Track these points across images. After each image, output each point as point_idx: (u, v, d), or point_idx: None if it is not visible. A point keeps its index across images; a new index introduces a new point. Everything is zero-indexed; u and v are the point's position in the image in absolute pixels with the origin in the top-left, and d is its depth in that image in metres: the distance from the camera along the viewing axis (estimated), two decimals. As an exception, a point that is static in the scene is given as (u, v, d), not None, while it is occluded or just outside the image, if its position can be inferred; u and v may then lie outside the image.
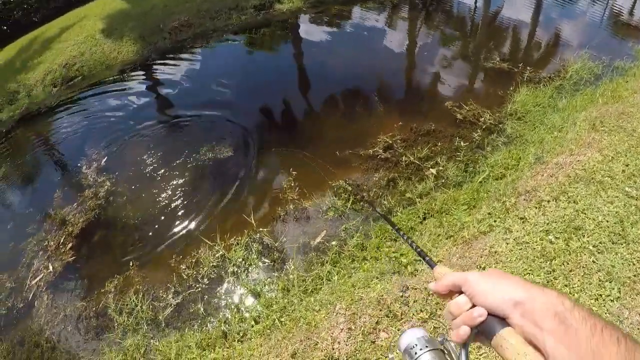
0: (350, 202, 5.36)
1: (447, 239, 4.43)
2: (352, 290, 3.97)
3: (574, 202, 4.12)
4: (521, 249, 3.83)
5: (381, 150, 6.07)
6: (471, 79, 7.60)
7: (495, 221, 4.28)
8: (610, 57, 8.24)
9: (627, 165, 4.50)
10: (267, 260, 4.82)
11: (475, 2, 12.21)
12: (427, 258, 1.07)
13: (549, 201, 4.23)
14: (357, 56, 8.71)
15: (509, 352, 0.69)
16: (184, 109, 7.87)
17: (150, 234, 5.56)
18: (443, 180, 5.44)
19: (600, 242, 3.68)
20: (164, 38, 10.91)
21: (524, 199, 4.40)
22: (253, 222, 5.38)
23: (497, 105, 6.57)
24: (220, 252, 5.00)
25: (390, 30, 10.00)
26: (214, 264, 4.91)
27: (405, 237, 1.25)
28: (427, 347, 0.91)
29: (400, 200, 5.31)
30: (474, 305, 0.77)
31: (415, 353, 0.91)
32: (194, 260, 4.99)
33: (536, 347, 0.68)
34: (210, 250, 5.06)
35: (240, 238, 5.14)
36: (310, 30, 10.20)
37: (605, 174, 4.42)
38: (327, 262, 4.50)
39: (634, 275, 3.34)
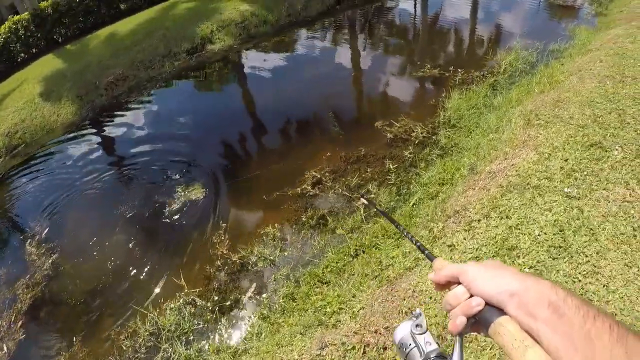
0: (279, 249, 4.72)
1: (373, 279, 3.74)
2: (275, 349, 3.40)
3: (507, 217, 3.43)
4: (449, 284, 3.12)
5: (310, 187, 5.40)
6: (402, 92, 7.02)
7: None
8: (545, 42, 7.77)
9: (565, 161, 3.86)
10: (199, 323, 4.32)
11: (415, 9, 11.88)
12: (426, 252, 1.02)
13: (479, 220, 3.54)
14: (289, 87, 8.16)
15: (506, 338, 0.69)
16: (114, 168, 7.19)
17: (92, 304, 4.90)
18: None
19: (538, 261, 2.99)
20: (100, 95, 10.43)
21: (453, 222, 3.72)
22: (184, 283, 4.73)
23: (430, 116, 5.97)
24: (155, 319, 4.35)
25: (325, 55, 9.51)
26: (150, 331, 4.31)
27: (405, 232, 1.19)
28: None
29: (331, 238, 4.67)
30: (471, 296, 0.76)
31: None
32: (131, 331, 4.38)
33: (532, 337, 0.67)
34: (145, 318, 4.41)
35: (172, 302, 4.54)
36: (243, 67, 9.72)
37: (542, 175, 3.76)
38: (257, 318, 4.07)
39: (581, 294, 2.64)
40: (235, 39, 10.58)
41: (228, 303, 4.39)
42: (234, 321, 4.23)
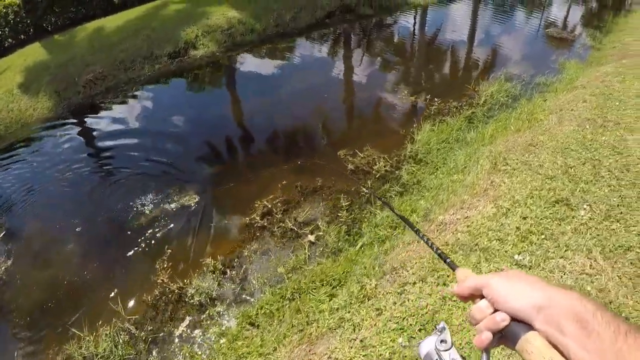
0: (217, 283, 4.27)
1: (298, 332, 3.28)
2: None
3: (443, 284, 2.94)
4: (365, 355, 2.64)
5: (259, 218, 4.91)
6: (373, 119, 6.53)
7: (348, 312, 3.09)
8: (532, 74, 7.31)
9: (524, 219, 3.37)
10: (132, 352, 3.97)
11: (414, 27, 11.44)
12: (447, 260, 0.97)
13: (414, 283, 3.05)
14: (263, 102, 7.62)
15: (534, 355, 0.66)
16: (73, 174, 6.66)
17: (38, 321, 4.46)
18: (321, 249, 4.30)
19: (468, 342, 2.50)
20: (78, 92, 9.95)
21: (388, 280, 3.23)
22: (122, 310, 4.32)
23: (397, 147, 5.48)
24: (90, 344, 3.94)
25: (305, 71, 9.01)
26: (85, 355, 3.92)
27: (425, 239, 1.08)
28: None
29: (272, 276, 4.22)
30: (496, 310, 0.72)
31: None
32: (67, 354, 3.99)
33: (561, 353, 0.65)
34: (81, 340, 4.00)
35: (108, 327, 4.13)
36: (222, 78, 9.25)
37: (494, 235, 3.27)
38: (186, 356, 3.71)
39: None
40: (220, 46, 10.11)
41: (161, 335, 4.03)
42: (164, 354, 3.87)
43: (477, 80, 7.02)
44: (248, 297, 4.09)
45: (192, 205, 5.34)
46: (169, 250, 4.82)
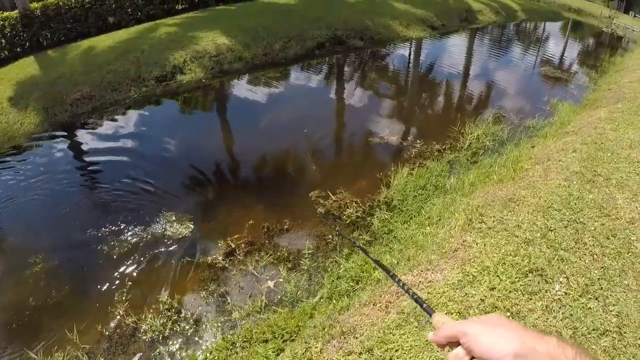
0: (170, 322, 3.95)
1: None
2: None
3: (389, 359, 2.53)
4: None
5: (221, 258, 4.53)
6: (351, 159, 6.17)
7: (289, 378, 2.68)
8: (522, 116, 6.99)
9: (491, 290, 2.96)
10: None
11: (409, 59, 11.23)
12: (424, 305, 0.93)
13: (360, 354, 2.63)
14: (242, 132, 7.33)
15: None
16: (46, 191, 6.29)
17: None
18: (279, 296, 3.94)
19: None
20: (65, 110, 9.79)
21: (335, 346, 2.80)
22: (76, 338, 4.00)
23: (372, 192, 5.11)
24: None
25: (281, 105, 8.71)
26: None
27: (401, 284, 1.07)
28: None
29: (225, 321, 3.88)
30: (472, 358, 0.71)
31: None
32: None
33: None
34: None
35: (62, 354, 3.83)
36: (204, 105, 8.96)
37: (455, 307, 2.86)
38: None
39: None
40: (206, 72, 9.87)
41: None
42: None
43: (464, 120, 6.68)
44: (199, 340, 3.79)
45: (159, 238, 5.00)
46: (129, 283, 4.45)
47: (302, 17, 11.85)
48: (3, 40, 12.87)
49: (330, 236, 4.49)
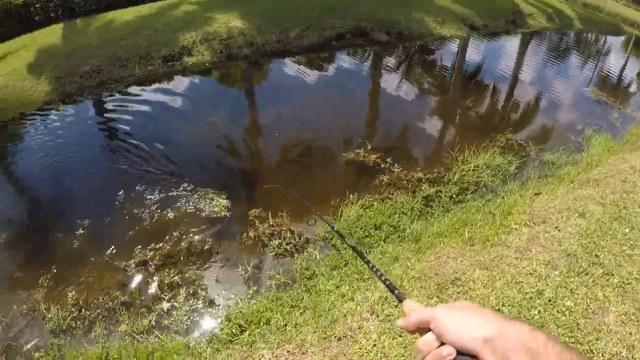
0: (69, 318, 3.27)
1: None
2: None
3: None
4: None
5: (133, 265, 3.74)
6: (311, 175, 5.04)
7: None
8: (541, 146, 5.58)
9: None
10: None
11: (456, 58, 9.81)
12: (396, 291, 0.90)
13: None
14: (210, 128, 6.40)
15: None
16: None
17: None
18: (168, 322, 3.10)
19: None
20: (75, 82, 9.52)
21: None
22: None
23: (306, 222, 4.07)
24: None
25: (267, 101, 7.64)
26: None
27: (374, 270, 1.04)
28: None
29: (114, 329, 3.26)
30: (442, 343, 0.68)
31: None
32: None
33: None
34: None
35: None
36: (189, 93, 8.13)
37: None
38: None
39: None
40: (213, 56, 9.05)
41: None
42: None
43: (469, 143, 5.36)
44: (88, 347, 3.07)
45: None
46: (55, 270, 3.75)
47: (327, 3, 10.70)
48: (37, 5, 12.86)
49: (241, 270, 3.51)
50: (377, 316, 2.53)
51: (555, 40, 12.84)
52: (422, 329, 0.71)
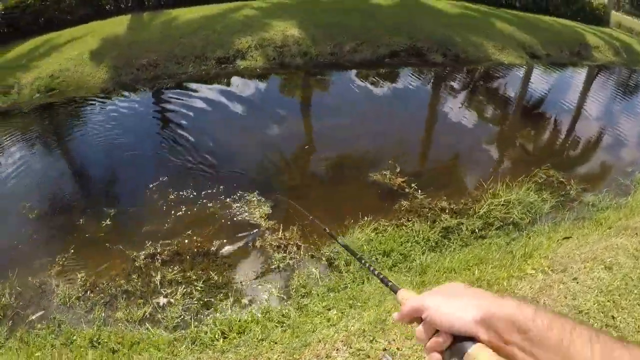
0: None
1: None
2: None
3: None
4: None
5: (143, 256, 3.89)
6: (334, 193, 4.92)
7: None
8: (584, 186, 5.17)
9: None
10: None
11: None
12: (389, 284, 0.91)
13: None
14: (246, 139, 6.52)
15: None
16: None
17: None
18: (164, 315, 3.25)
19: None
20: (131, 73, 10.04)
21: None
22: None
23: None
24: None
25: (315, 114, 7.63)
26: None
27: (367, 265, 1.07)
28: None
29: (107, 317, 3.34)
30: (437, 330, 0.69)
31: None
32: None
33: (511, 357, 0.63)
34: None
35: None
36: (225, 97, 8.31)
37: None
38: None
39: None
40: (266, 62, 9.26)
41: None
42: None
43: (503, 177, 5.08)
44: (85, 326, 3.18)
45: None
46: (72, 250, 3.94)
47: (385, 20, 10.61)
48: (109, -6, 13.44)
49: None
50: (350, 348, 2.42)
51: (624, 75, 11.93)
52: (417, 318, 0.72)
